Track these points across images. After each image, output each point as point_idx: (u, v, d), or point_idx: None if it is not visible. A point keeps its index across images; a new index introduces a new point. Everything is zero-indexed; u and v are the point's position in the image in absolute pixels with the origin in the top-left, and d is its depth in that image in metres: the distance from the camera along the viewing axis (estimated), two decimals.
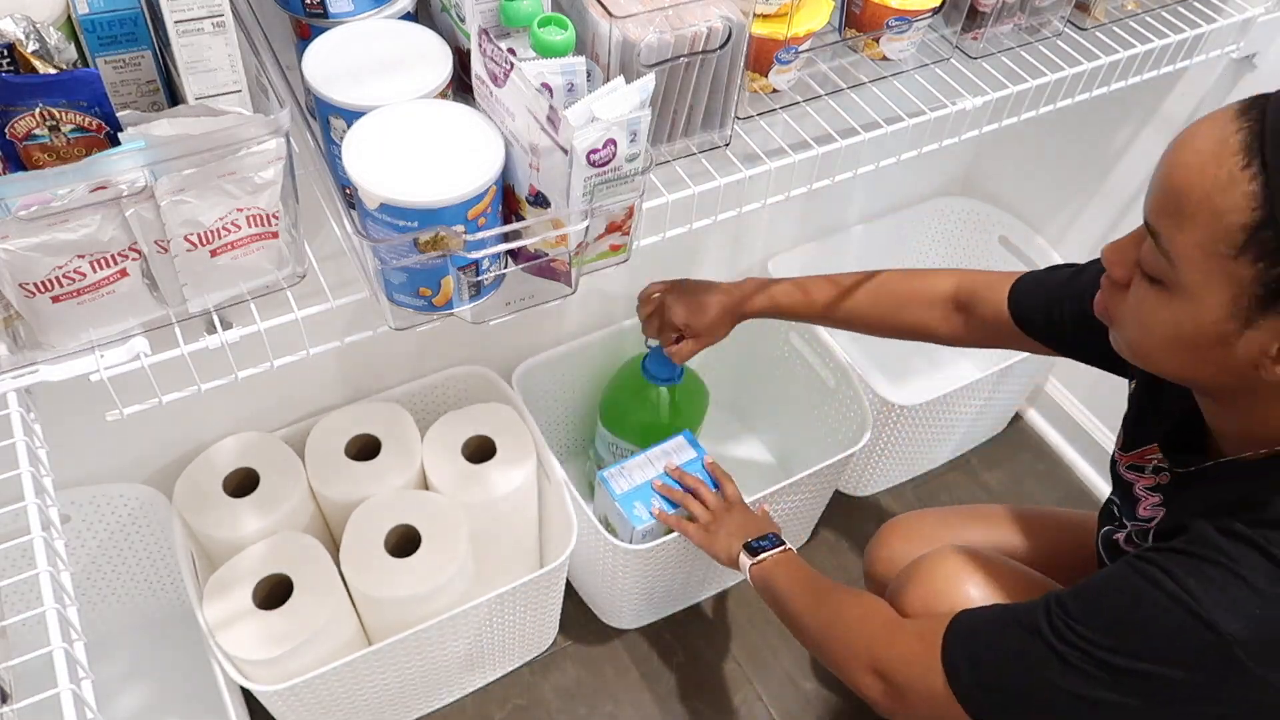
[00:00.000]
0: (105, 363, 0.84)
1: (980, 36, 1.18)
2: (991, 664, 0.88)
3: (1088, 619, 0.82)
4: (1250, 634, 0.74)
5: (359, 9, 0.93)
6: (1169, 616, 0.77)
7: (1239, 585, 0.75)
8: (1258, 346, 0.75)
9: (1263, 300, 0.72)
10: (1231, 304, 0.74)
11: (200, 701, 1.43)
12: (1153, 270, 0.78)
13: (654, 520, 1.39)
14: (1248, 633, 0.74)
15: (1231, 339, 0.75)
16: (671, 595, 1.63)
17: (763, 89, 1.08)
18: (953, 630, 0.91)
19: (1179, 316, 0.77)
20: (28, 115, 0.77)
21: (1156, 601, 0.78)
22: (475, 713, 1.54)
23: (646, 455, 1.47)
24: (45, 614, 0.75)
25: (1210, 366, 0.79)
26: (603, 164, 0.84)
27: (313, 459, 1.40)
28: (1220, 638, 0.74)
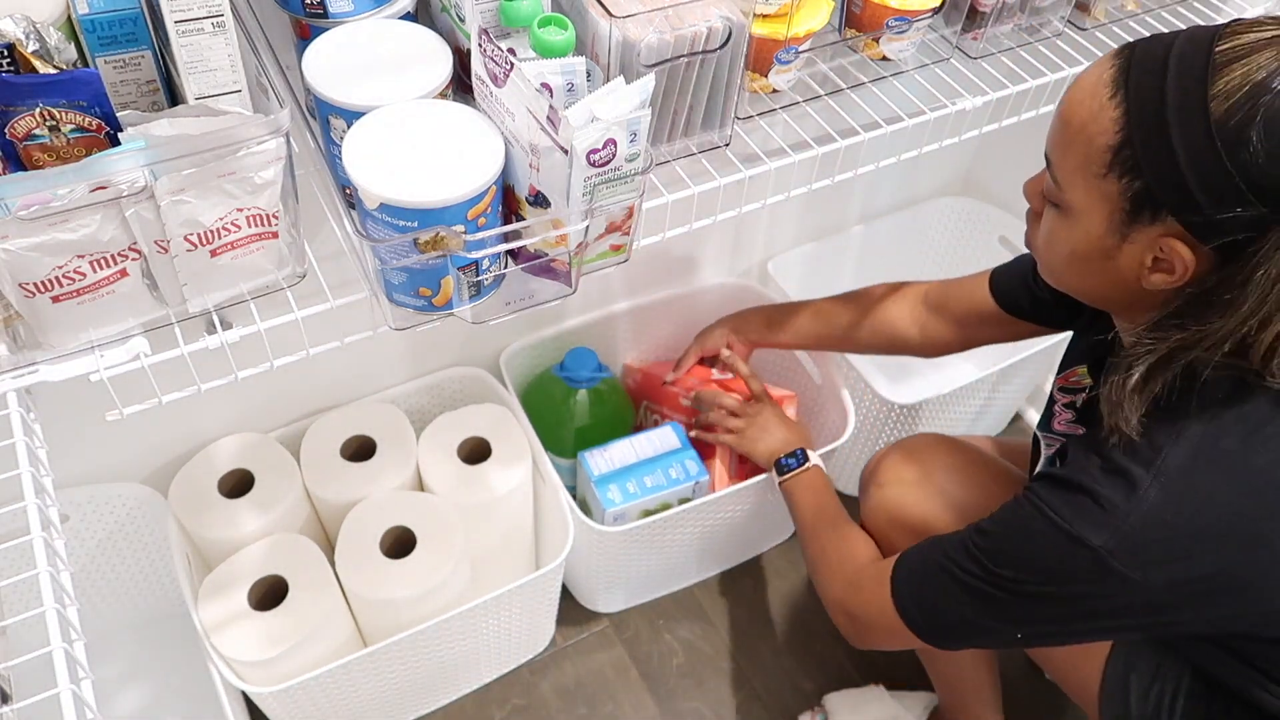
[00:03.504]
0: (105, 363, 0.84)
1: (980, 36, 1.18)
2: (929, 600, 1.01)
3: (995, 552, 0.95)
4: (1116, 543, 0.85)
5: (359, 9, 0.93)
6: (1052, 540, 0.89)
7: (1098, 508, 0.87)
8: (1136, 259, 0.85)
9: (1129, 214, 0.83)
10: (1108, 219, 0.85)
11: (198, 701, 1.43)
12: (1051, 196, 0.90)
13: (627, 504, 1.42)
14: (1115, 542, 0.85)
15: (1114, 253, 0.86)
16: (652, 580, 1.64)
17: (763, 89, 1.08)
18: (897, 573, 1.05)
19: (1073, 234, 0.89)
20: (28, 115, 0.77)
21: (1042, 531, 0.90)
22: (475, 713, 1.54)
23: (631, 440, 1.49)
24: (45, 614, 0.74)
25: (1105, 280, 0.90)
26: (603, 164, 0.83)
27: (308, 460, 1.40)
28: (1094, 551, 0.86)
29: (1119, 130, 0.81)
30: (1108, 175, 0.83)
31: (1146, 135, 0.80)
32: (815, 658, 1.63)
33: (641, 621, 1.66)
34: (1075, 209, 0.87)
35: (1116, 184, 0.83)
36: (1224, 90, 0.77)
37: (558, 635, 1.62)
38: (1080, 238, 0.88)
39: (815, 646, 1.64)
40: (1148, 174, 0.81)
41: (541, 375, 1.60)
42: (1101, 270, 0.89)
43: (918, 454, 1.22)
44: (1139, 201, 0.82)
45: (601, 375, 1.54)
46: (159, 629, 1.54)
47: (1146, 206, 0.82)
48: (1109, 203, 0.84)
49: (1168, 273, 0.84)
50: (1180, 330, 0.84)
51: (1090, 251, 0.88)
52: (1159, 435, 0.86)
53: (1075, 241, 0.89)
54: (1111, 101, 0.82)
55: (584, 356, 1.53)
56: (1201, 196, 0.78)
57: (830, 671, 1.61)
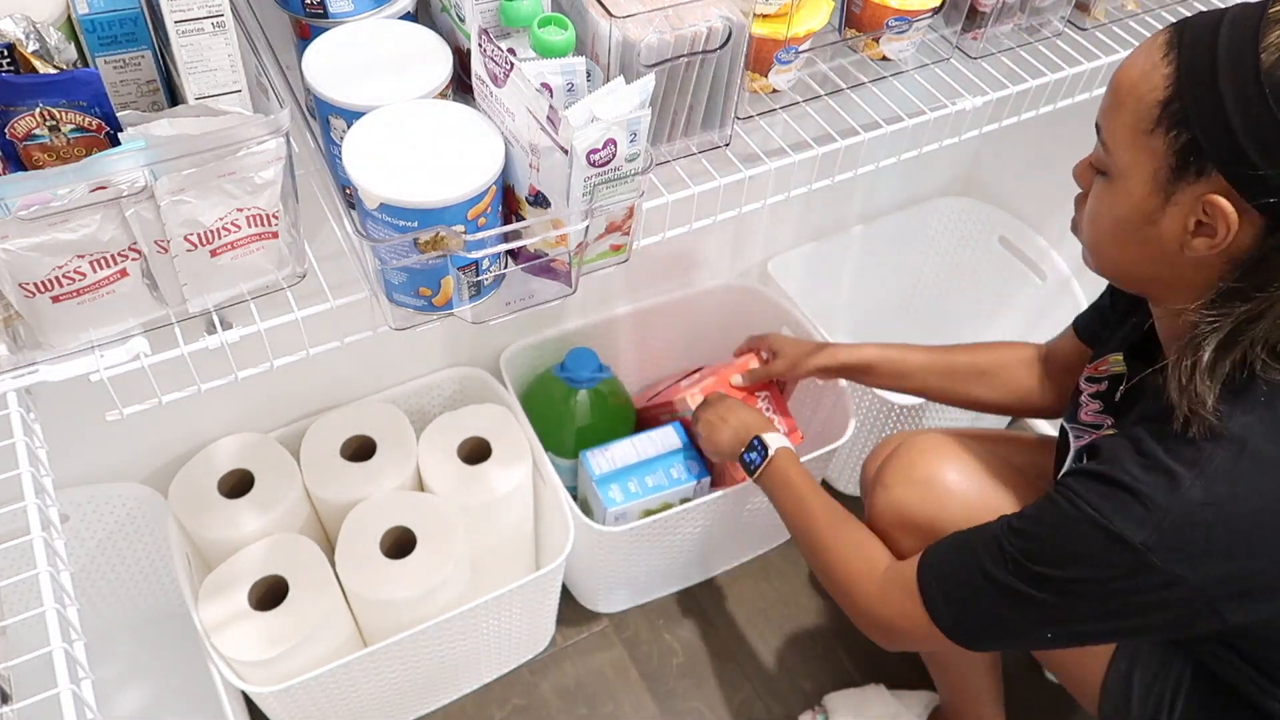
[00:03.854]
0: (105, 363, 0.84)
1: (980, 36, 1.18)
2: (964, 604, 0.99)
3: (1031, 547, 0.93)
4: (1156, 540, 0.85)
5: (359, 9, 0.93)
6: (1092, 538, 0.88)
7: (1139, 502, 0.86)
8: (1180, 223, 0.85)
9: (1175, 170, 0.84)
10: (1152, 178, 0.85)
11: (198, 701, 1.43)
12: (1098, 164, 0.91)
13: (628, 503, 1.41)
14: (1155, 539, 0.85)
15: (1157, 216, 0.87)
16: (652, 580, 1.64)
17: (763, 89, 1.08)
18: (924, 577, 1.02)
19: (1118, 199, 0.89)
20: (28, 115, 0.77)
21: (1081, 527, 0.89)
22: (475, 713, 1.54)
23: (633, 440, 1.48)
24: (45, 614, 0.74)
25: (1147, 252, 0.89)
26: (603, 164, 0.83)
27: (308, 460, 1.40)
28: (1134, 548, 0.86)
29: (1169, 85, 0.82)
30: (1155, 130, 0.83)
31: (1196, 87, 0.81)
32: (815, 658, 1.63)
33: (641, 621, 1.66)
34: (1121, 171, 0.87)
35: (1163, 139, 0.83)
36: (1276, 43, 0.78)
37: (558, 635, 1.62)
38: (1125, 202, 0.88)
39: (815, 646, 1.64)
40: (1195, 124, 0.81)
41: (542, 375, 1.60)
42: (1143, 239, 0.88)
43: (924, 453, 1.20)
44: (1185, 155, 0.82)
45: (602, 376, 1.54)
46: (159, 629, 1.54)
47: (1192, 161, 0.82)
48: (1155, 160, 0.84)
49: (1210, 236, 0.84)
50: (1244, 300, 0.84)
51: (1134, 216, 0.88)
52: (1203, 434, 0.86)
53: (1120, 207, 0.89)
54: (1164, 60, 0.83)
55: (584, 357, 1.53)
56: (1249, 146, 0.79)
57: (830, 671, 1.61)
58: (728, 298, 1.72)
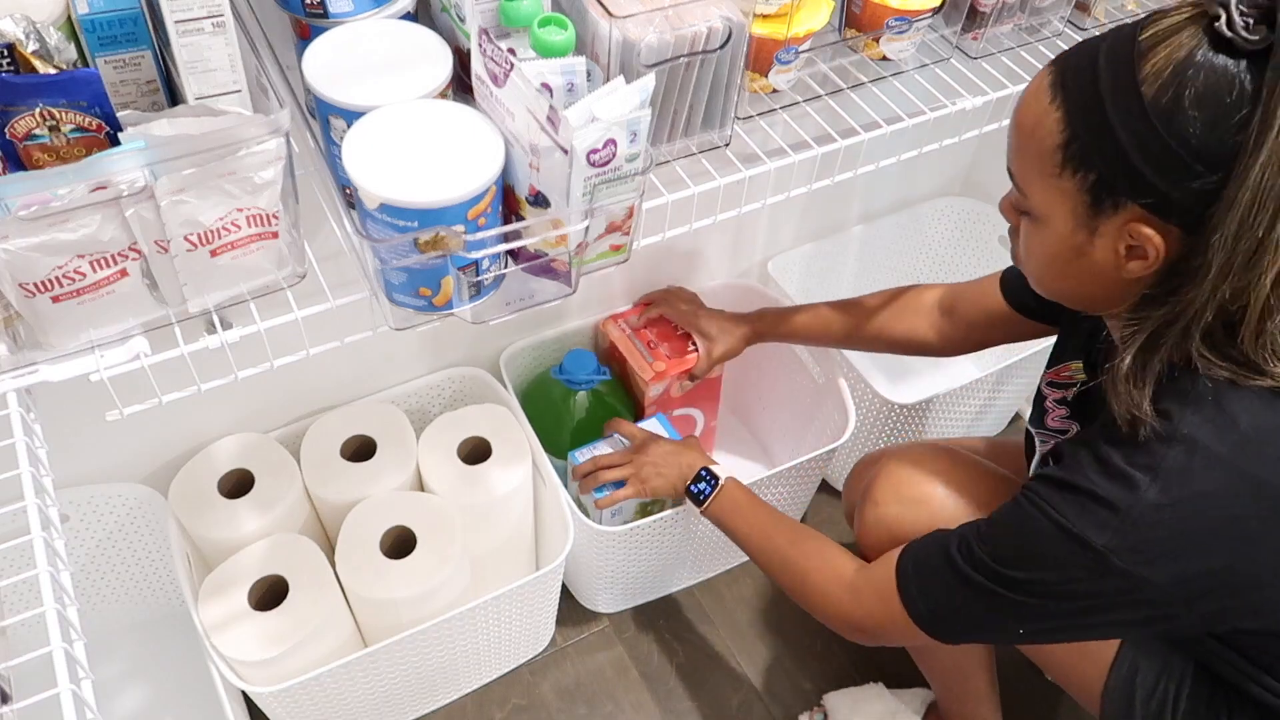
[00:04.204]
0: (105, 363, 0.84)
1: (980, 36, 1.18)
2: (936, 598, 1.02)
3: (997, 550, 0.96)
4: (1118, 542, 0.87)
5: (359, 9, 0.93)
6: (1056, 542, 0.90)
7: (1098, 507, 0.88)
8: (1109, 250, 0.87)
9: (1091, 206, 0.85)
10: (1072, 216, 0.87)
11: (198, 701, 1.43)
12: (1020, 206, 0.93)
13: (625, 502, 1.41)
14: (1116, 541, 0.87)
15: (1086, 249, 0.88)
16: (652, 580, 1.64)
17: (763, 89, 1.08)
18: (901, 571, 1.05)
19: (1045, 239, 0.91)
20: (28, 115, 0.77)
21: (1045, 531, 0.91)
22: (475, 713, 1.54)
23: (615, 436, 1.48)
24: (45, 614, 0.74)
25: (1087, 278, 0.91)
26: (603, 164, 0.84)
27: (308, 460, 1.40)
28: (1096, 551, 0.87)
29: (1063, 129, 0.84)
30: (1062, 173, 0.85)
31: (1088, 127, 0.82)
32: (815, 658, 1.63)
33: (641, 621, 1.66)
34: (1041, 213, 0.89)
35: (1072, 180, 0.85)
36: (1152, 72, 0.79)
37: (558, 635, 1.62)
38: (1053, 240, 0.90)
39: (815, 646, 1.64)
40: (1098, 164, 0.83)
41: (541, 376, 1.60)
42: (1080, 269, 0.90)
43: (914, 469, 1.20)
44: (1097, 192, 0.84)
45: (600, 377, 1.54)
46: (159, 629, 1.54)
47: (1105, 196, 0.84)
48: (1069, 199, 0.86)
49: (1143, 259, 0.85)
50: (1159, 306, 0.86)
51: (1064, 252, 0.90)
52: (1156, 437, 0.87)
53: (1049, 245, 0.90)
54: (1052, 105, 0.84)
55: (583, 358, 1.53)
56: (1152, 176, 0.80)
57: (830, 671, 1.61)
58: (728, 298, 1.72)
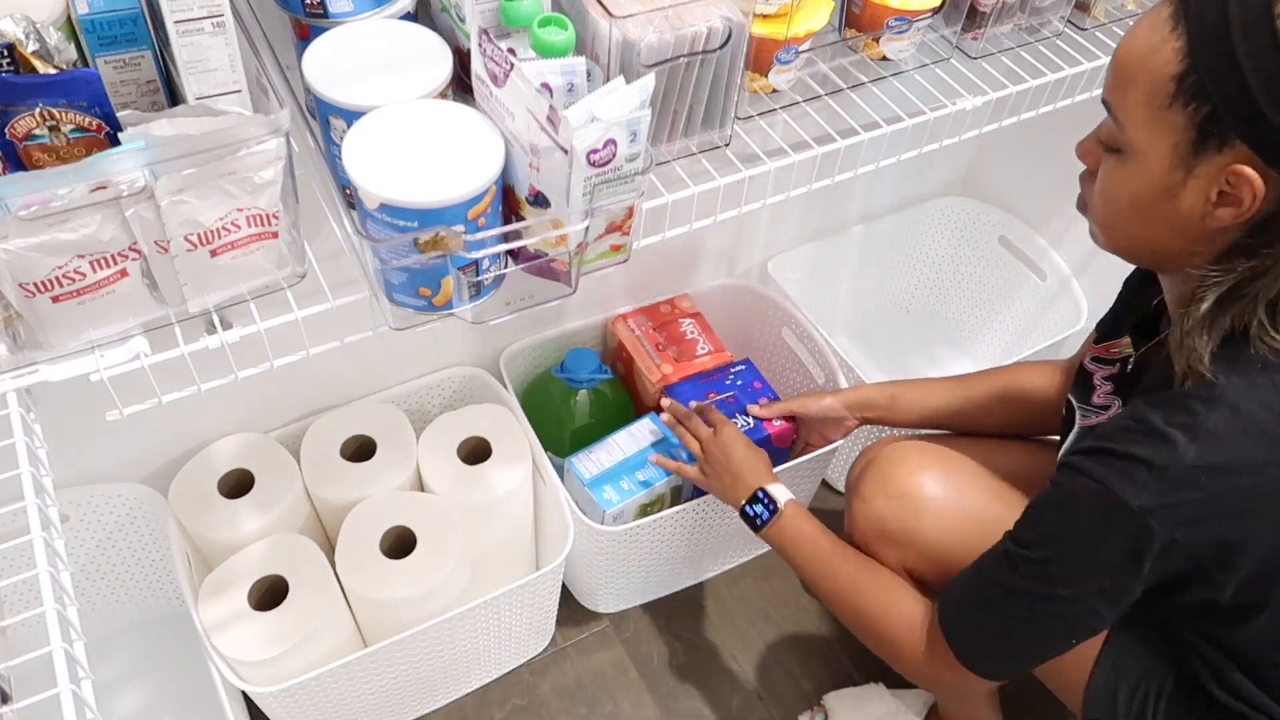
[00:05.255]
0: (105, 363, 0.84)
1: (980, 36, 1.18)
2: (983, 634, 1.00)
3: (1036, 541, 0.94)
4: (1153, 503, 0.85)
5: (359, 9, 0.93)
6: (1093, 508, 0.89)
7: (1139, 467, 0.86)
8: (1201, 195, 0.84)
9: (1195, 144, 0.82)
10: (1172, 152, 0.84)
11: (198, 701, 1.43)
12: (1110, 140, 0.89)
13: (624, 502, 1.41)
14: (1151, 502, 0.85)
15: (1178, 190, 0.85)
16: (652, 580, 1.64)
17: (763, 89, 1.08)
18: (945, 621, 1.02)
19: (1134, 176, 0.87)
20: (28, 115, 0.77)
21: (1082, 498, 0.89)
22: (475, 713, 1.54)
23: (614, 438, 1.48)
24: (45, 614, 0.74)
25: (1166, 226, 0.88)
26: (603, 164, 0.83)
27: (308, 460, 1.40)
28: (1132, 511, 0.86)
29: (1183, 59, 0.80)
30: (1173, 105, 0.82)
31: (1212, 57, 0.79)
32: (815, 658, 1.63)
33: (641, 621, 1.66)
34: (1137, 148, 0.86)
35: (1182, 113, 0.81)
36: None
37: (558, 635, 1.62)
38: (1142, 178, 0.87)
39: (815, 646, 1.64)
40: (1215, 96, 0.79)
41: (541, 375, 1.60)
42: (1163, 214, 0.87)
43: (900, 464, 1.19)
44: (1206, 128, 0.81)
45: (602, 376, 1.54)
46: (159, 629, 1.54)
47: (1214, 133, 0.81)
48: (1174, 134, 0.83)
49: (1235, 206, 0.83)
50: (1248, 258, 0.84)
51: (1153, 193, 0.87)
52: (1198, 398, 0.86)
53: (1137, 184, 0.87)
54: (1173, 34, 0.81)
55: (584, 357, 1.54)
56: (1273, 114, 0.77)
57: (830, 671, 1.61)
58: (728, 298, 1.72)
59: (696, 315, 1.63)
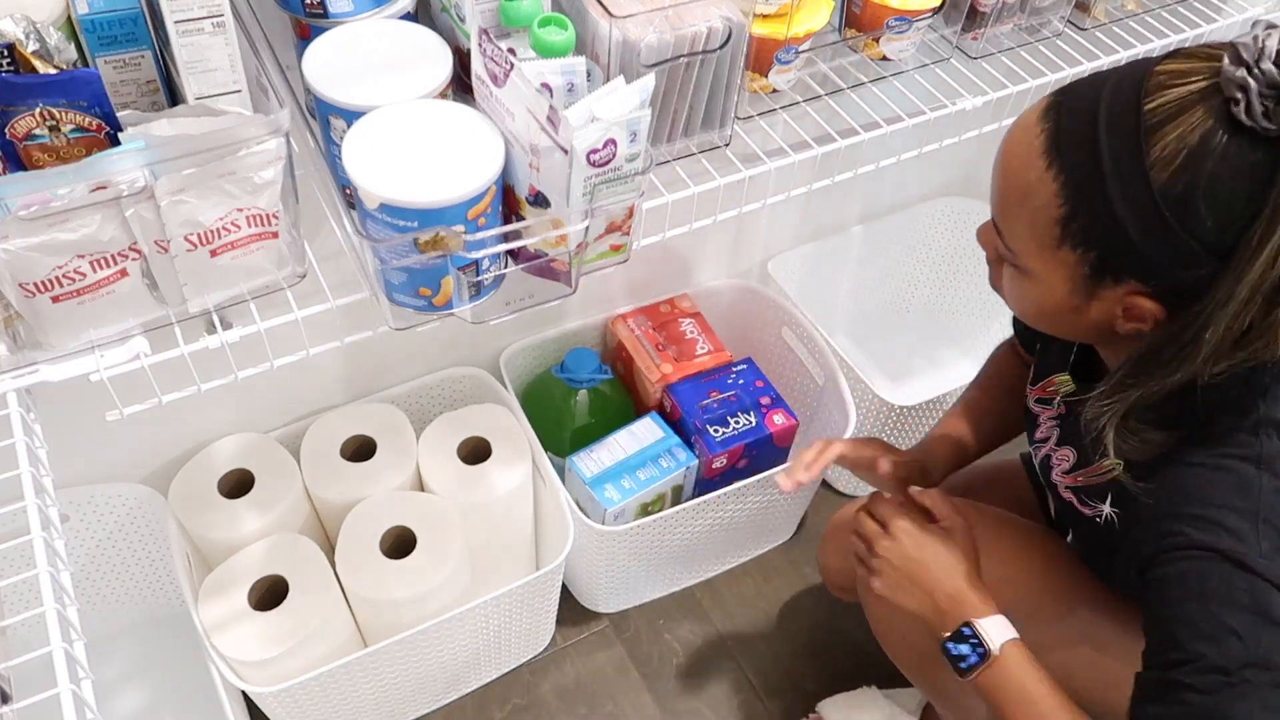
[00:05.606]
0: (105, 363, 0.84)
1: (980, 36, 1.18)
2: None
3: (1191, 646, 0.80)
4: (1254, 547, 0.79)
5: (359, 9, 0.93)
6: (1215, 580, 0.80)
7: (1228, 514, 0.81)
8: (1106, 313, 0.85)
9: (1091, 278, 0.83)
10: (1070, 283, 0.84)
11: (198, 701, 1.43)
12: (1006, 257, 0.89)
13: (625, 501, 1.41)
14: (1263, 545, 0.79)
15: (1083, 309, 0.86)
16: (652, 580, 1.64)
17: (763, 89, 1.08)
18: None
19: (1037, 294, 0.88)
20: (28, 115, 0.77)
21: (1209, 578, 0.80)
22: (475, 713, 1.54)
23: (614, 437, 1.48)
24: (45, 614, 0.74)
25: (1078, 328, 0.89)
26: (603, 164, 0.84)
27: (308, 460, 1.40)
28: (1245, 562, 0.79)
29: (1062, 204, 0.80)
30: (1061, 247, 0.82)
31: (1091, 209, 0.79)
32: (815, 658, 1.63)
33: (641, 621, 1.66)
34: (1034, 274, 0.86)
35: (1072, 254, 0.82)
36: (1162, 157, 0.75)
37: (558, 635, 1.62)
38: (1046, 296, 0.87)
39: (815, 646, 1.64)
40: (1100, 245, 0.80)
41: (541, 375, 1.60)
42: (1074, 322, 0.88)
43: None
44: (1099, 269, 0.81)
45: (602, 376, 1.54)
46: (159, 629, 1.54)
47: (1107, 273, 0.81)
48: (1068, 269, 0.83)
49: (1140, 321, 0.83)
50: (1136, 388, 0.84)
51: (1058, 310, 0.88)
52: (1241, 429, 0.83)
53: (1042, 299, 0.88)
54: (1049, 173, 0.80)
55: (584, 357, 1.54)
56: (1161, 262, 0.78)
57: (829, 671, 1.61)
58: (728, 298, 1.72)
59: (696, 315, 1.63)
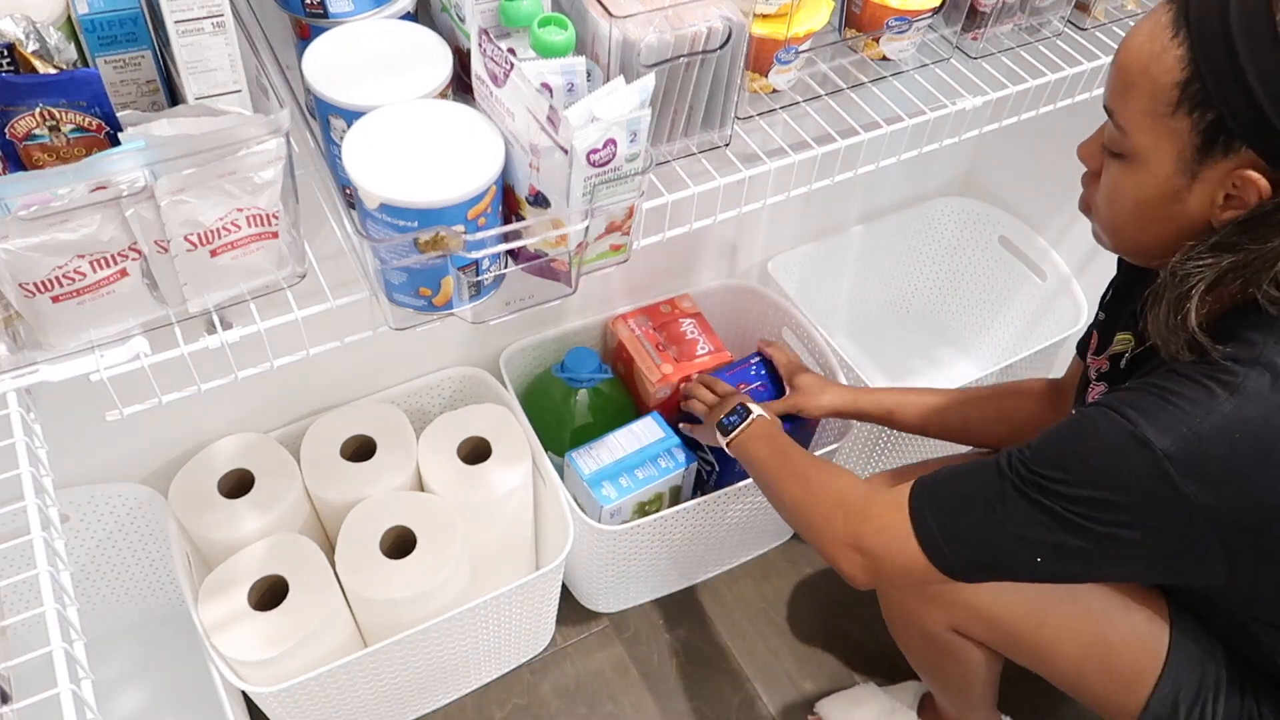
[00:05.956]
0: (105, 363, 0.84)
1: (980, 36, 1.18)
2: (951, 508, 0.95)
3: (1039, 454, 0.90)
4: (1178, 449, 0.82)
5: (359, 9, 0.93)
6: (1110, 438, 0.85)
7: (1170, 409, 0.83)
8: (1207, 198, 0.85)
9: (1200, 150, 0.83)
10: (1177, 158, 0.84)
11: (198, 701, 1.43)
12: (1114, 146, 0.89)
13: (622, 499, 1.42)
14: (1176, 448, 0.82)
15: (1183, 194, 0.86)
16: (652, 580, 1.64)
17: (763, 89, 1.08)
18: (918, 485, 0.98)
19: (1139, 180, 0.88)
20: (28, 115, 0.77)
21: (1099, 428, 0.86)
22: (475, 713, 1.54)
23: (614, 436, 1.49)
24: (45, 614, 0.74)
25: (1172, 226, 0.88)
26: (603, 164, 0.83)
27: (308, 460, 1.40)
28: (1154, 454, 0.82)
29: (1184, 66, 0.81)
30: (1176, 113, 0.82)
31: (1215, 66, 0.79)
32: (815, 658, 1.63)
33: (641, 621, 1.66)
34: (1141, 154, 0.86)
35: (1186, 120, 0.82)
36: None
37: (558, 635, 1.62)
38: (1147, 183, 0.87)
39: (814, 646, 1.64)
40: (1220, 104, 0.80)
41: (541, 375, 1.60)
42: (1168, 215, 0.88)
43: None
44: (1211, 135, 0.81)
45: (602, 376, 1.54)
46: (159, 629, 1.54)
47: (1219, 139, 0.81)
48: (1178, 141, 0.83)
49: (1239, 207, 0.83)
50: (1233, 253, 0.83)
51: (1158, 196, 0.87)
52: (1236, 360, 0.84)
53: (1142, 188, 0.88)
54: (1174, 41, 0.81)
55: (584, 357, 1.54)
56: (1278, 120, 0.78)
57: (829, 671, 1.61)
58: (728, 298, 1.72)
59: (697, 315, 1.63)
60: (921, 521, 0.96)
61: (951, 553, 0.95)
